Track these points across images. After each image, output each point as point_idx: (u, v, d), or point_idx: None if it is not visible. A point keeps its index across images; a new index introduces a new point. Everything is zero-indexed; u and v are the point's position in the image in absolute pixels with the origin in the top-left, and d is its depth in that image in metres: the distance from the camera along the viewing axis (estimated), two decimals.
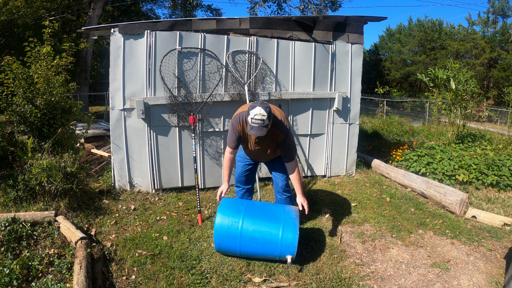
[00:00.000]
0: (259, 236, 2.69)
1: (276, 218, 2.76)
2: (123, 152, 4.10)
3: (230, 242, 2.74)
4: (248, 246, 2.71)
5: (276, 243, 2.66)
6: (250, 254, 2.78)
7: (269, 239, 2.68)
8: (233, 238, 2.72)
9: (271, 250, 2.69)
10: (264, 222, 2.74)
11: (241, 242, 2.71)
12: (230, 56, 4.25)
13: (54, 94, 4.01)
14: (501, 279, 2.68)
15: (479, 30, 25.82)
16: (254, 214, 2.79)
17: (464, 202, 3.85)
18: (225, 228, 2.73)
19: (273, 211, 2.86)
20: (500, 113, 16.81)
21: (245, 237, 2.70)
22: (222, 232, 2.73)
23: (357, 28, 4.82)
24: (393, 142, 7.93)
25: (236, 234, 2.71)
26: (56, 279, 2.46)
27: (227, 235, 2.73)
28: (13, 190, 3.37)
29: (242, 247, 2.73)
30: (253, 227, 2.71)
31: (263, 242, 2.69)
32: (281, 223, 2.71)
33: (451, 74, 6.86)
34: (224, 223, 2.74)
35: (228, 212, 2.79)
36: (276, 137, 2.86)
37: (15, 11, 11.55)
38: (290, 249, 2.66)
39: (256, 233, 2.70)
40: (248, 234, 2.70)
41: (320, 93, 4.73)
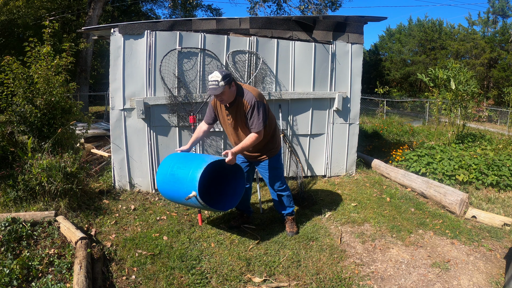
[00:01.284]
0: (178, 177, 2.86)
1: (197, 161, 2.84)
2: (123, 152, 4.10)
3: (163, 186, 3.00)
4: (173, 188, 2.91)
5: (186, 180, 2.77)
6: (175, 196, 2.95)
7: (183, 178, 2.81)
8: (165, 183, 2.98)
9: (184, 188, 2.78)
10: (187, 165, 2.87)
11: (169, 185, 2.94)
12: (230, 56, 4.25)
13: (54, 94, 4.00)
14: (501, 279, 2.68)
15: (479, 30, 25.86)
16: (183, 161, 2.96)
17: (464, 202, 3.85)
18: (160, 174, 3.02)
19: (199, 158, 2.95)
20: (500, 113, 16.81)
21: (171, 180, 2.92)
22: (159, 179, 3.03)
23: (357, 28, 4.82)
24: (393, 142, 7.94)
25: (166, 178, 2.95)
26: (56, 279, 2.46)
27: (161, 180, 3.00)
28: (13, 190, 3.37)
29: (170, 189, 2.95)
30: (177, 170, 2.90)
31: (180, 182, 2.83)
32: (196, 165, 2.79)
33: (451, 74, 6.87)
34: (160, 171, 3.03)
35: (165, 163, 3.04)
36: (243, 107, 2.87)
37: (16, 11, 11.56)
38: (192, 184, 2.69)
39: (176, 174, 2.88)
40: (173, 177, 2.91)
41: (320, 93, 4.73)
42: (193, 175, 2.72)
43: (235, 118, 2.96)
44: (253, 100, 2.84)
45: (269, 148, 3.18)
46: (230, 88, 2.80)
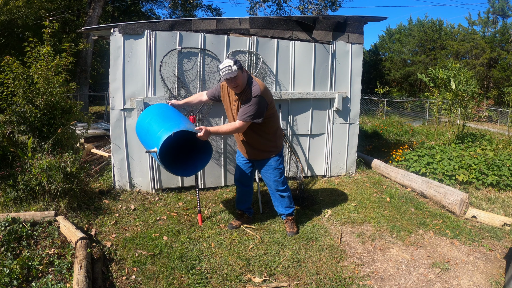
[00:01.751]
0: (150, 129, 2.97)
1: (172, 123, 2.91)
2: (123, 152, 4.10)
3: (138, 130, 3.20)
4: (144, 137, 3.07)
5: (154, 136, 2.87)
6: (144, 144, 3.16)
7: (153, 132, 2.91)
8: (140, 128, 3.14)
9: (151, 141, 2.89)
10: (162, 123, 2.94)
11: (142, 132, 3.12)
12: (230, 56, 4.25)
13: (54, 94, 4.00)
14: (501, 279, 2.68)
15: (479, 30, 25.86)
16: (161, 117, 3.04)
17: (464, 202, 3.85)
18: (140, 118, 3.20)
19: (176, 119, 2.99)
20: (500, 113, 16.81)
21: (145, 129, 3.06)
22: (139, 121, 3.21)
23: (357, 28, 4.82)
24: (393, 142, 7.94)
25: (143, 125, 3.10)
26: (56, 279, 2.46)
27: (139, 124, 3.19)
28: (13, 190, 3.37)
29: (141, 136, 3.15)
30: (152, 123, 3.00)
31: (150, 135, 2.95)
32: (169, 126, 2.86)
33: (451, 74, 6.87)
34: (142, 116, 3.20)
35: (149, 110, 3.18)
36: (248, 94, 2.92)
37: (16, 11, 11.55)
38: (157, 142, 2.77)
39: (150, 126, 2.99)
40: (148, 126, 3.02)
41: (320, 93, 4.73)
42: (160, 136, 2.81)
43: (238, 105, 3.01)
44: (257, 92, 2.90)
45: (271, 147, 3.18)
46: (242, 73, 2.90)
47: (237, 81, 2.86)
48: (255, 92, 2.89)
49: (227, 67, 2.80)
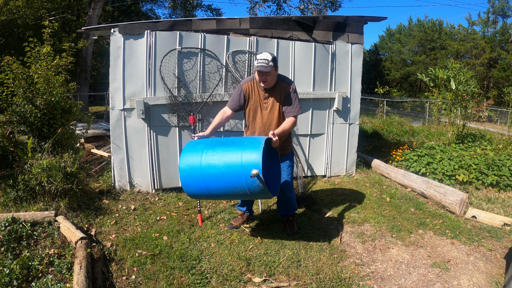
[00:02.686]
0: (221, 164, 2.47)
1: (238, 145, 2.56)
2: (123, 152, 4.10)
3: (194, 179, 2.53)
4: (212, 178, 2.50)
5: (238, 165, 2.44)
6: (216, 189, 2.54)
7: (231, 164, 2.46)
8: (197, 175, 2.52)
9: (235, 173, 2.44)
10: (226, 150, 2.56)
11: (205, 177, 2.50)
12: (230, 56, 4.25)
13: (54, 94, 4.00)
14: (501, 279, 2.68)
15: (479, 30, 25.88)
16: (216, 147, 2.61)
17: (464, 202, 3.85)
18: (188, 166, 2.53)
19: (235, 141, 2.67)
20: (500, 113, 16.82)
21: (207, 169, 2.49)
22: (186, 171, 2.54)
23: (357, 28, 4.82)
24: (393, 142, 7.94)
25: (198, 170, 2.50)
26: (56, 279, 2.46)
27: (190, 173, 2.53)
28: (13, 190, 3.36)
29: (207, 181, 2.51)
30: (215, 156, 2.52)
31: (226, 169, 2.45)
32: (242, 147, 2.51)
33: (451, 74, 6.86)
34: (186, 161, 2.57)
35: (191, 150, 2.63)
36: (283, 90, 2.97)
37: (16, 11, 11.56)
38: (253, 163, 2.40)
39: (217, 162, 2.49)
40: (210, 166, 2.49)
41: (320, 93, 4.73)
42: (249, 156, 2.40)
43: (273, 103, 3.02)
44: (293, 85, 3.01)
45: (288, 143, 3.20)
46: (276, 71, 2.92)
47: (268, 76, 2.88)
48: (291, 84, 3.01)
49: (264, 60, 2.81)
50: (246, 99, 3.08)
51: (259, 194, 2.58)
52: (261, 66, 2.80)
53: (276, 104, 3.01)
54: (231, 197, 2.73)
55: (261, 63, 2.81)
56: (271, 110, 3.03)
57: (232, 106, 3.10)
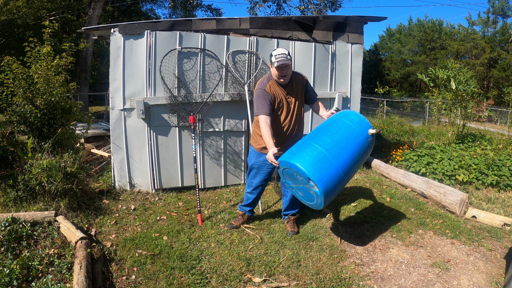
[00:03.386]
0: (342, 136, 2.67)
1: (337, 123, 2.81)
2: (123, 152, 4.10)
3: (324, 166, 2.50)
4: (340, 153, 2.60)
5: (353, 130, 2.72)
6: (347, 159, 2.60)
7: (349, 132, 2.71)
8: (324, 160, 2.52)
9: (356, 137, 2.68)
10: (333, 130, 2.75)
11: (333, 156, 2.54)
12: (230, 56, 4.25)
13: (54, 94, 4.01)
14: (501, 279, 2.68)
15: (479, 30, 25.86)
16: (323, 133, 2.77)
17: (464, 202, 3.85)
18: (312, 160, 2.52)
19: (331, 124, 2.86)
20: (500, 113, 16.81)
21: (333, 150, 2.57)
22: (313, 164, 2.49)
23: (357, 28, 4.82)
24: (393, 142, 7.93)
25: (323, 155, 2.54)
26: (56, 279, 2.46)
27: (318, 163, 2.51)
28: (13, 190, 3.37)
29: (337, 158, 2.55)
30: (329, 140, 2.64)
31: (347, 138, 2.67)
32: (345, 121, 2.79)
33: (451, 74, 6.86)
34: (307, 159, 2.52)
35: (300, 153, 2.60)
36: (301, 81, 3.15)
37: (16, 11, 11.55)
38: (365, 124, 2.75)
39: (336, 141, 2.64)
40: (332, 146, 2.60)
41: (320, 93, 4.72)
42: (354, 120, 2.75)
43: (296, 95, 3.12)
44: (304, 75, 3.22)
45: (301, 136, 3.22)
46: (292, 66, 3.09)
47: (288, 70, 2.96)
48: (302, 74, 3.21)
49: (283, 54, 2.87)
50: (273, 100, 3.00)
51: (370, 146, 2.83)
52: (283, 60, 2.85)
53: (298, 96, 3.14)
54: (356, 169, 2.82)
55: (282, 58, 2.86)
56: (296, 103, 3.13)
57: (267, 112, 2.92)
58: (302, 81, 3.16)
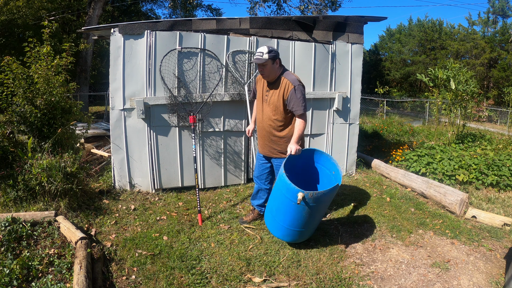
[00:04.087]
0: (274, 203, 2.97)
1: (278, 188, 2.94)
2: (123, 152, 4.10)
3: (275, 227, 3.02)
4: (283, 218, 2.92)
5: (280, 193, 2.87)
6: (292, 220, 2.88)
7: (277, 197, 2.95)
8: (274, 223, 3.02)
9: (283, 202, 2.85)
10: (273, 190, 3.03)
11: (279, 221, 2.95)
12: (230, 56, 4.25)
13: (54, 94, 4.00)
14: (501, 279, 2.68)
15: (479, 30, 25.87)
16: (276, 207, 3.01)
17: (464, 202, 3.85)
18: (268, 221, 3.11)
19: (277, 190, 2.97)
20: (500, 113, 16.82)
21: (277, 217, 2.97)
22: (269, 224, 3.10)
23: (357, 28, 4.82)
24: (393, 142, 7.93)
25: (272, 219, 3.03)
26: (56, 279, 2.46)
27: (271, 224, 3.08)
28: (13, 190, 3.36)
29: (282, 222, 2.93)
30: (274, 207, 3.00)
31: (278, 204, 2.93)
32: (279, 187, 2.88)
33: (451, 74, 6.87)
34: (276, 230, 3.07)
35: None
36: (286, 87, 3.00)
37: (16, 11, 11.55)
38: (290, 189, 2.74)
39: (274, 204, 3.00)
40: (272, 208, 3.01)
41: (320, 93, 4.73)
42: (282, 181, 2.76)
43: (272, 97, 3.09)
44: (296, 82, 3.00)
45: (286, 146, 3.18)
46: (273, 64, 2.99)
47: (264, 69, 3.00)
48: (293, 81, 2.99)
49: (259, 53, 2.96)
50: (255, 88, 3.34)
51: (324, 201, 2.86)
52: (256, 58, 2.97)
53: (275, 98, 3.06)
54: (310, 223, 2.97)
55: (256, 56, 2.99)
56: (270, 104, 3.10)
57: (251, 96, 3.54)
58: (288, 88, 2.99)
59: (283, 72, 3.08)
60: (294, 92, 2.97)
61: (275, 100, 3.06)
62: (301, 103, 2.98)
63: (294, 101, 2.98)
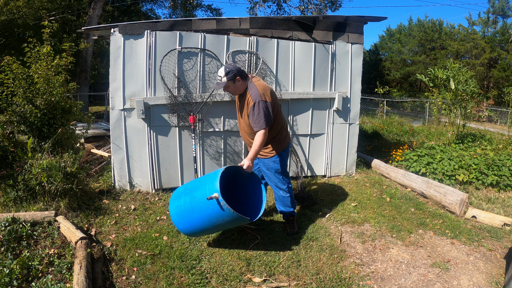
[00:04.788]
0: (196, 199, 2.78)
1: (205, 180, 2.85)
2: (123, 152, 4.10)
3: (182, 219, 2.86)
4: (192, 215, 2.80)
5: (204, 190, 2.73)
6: (201, 222, 2.80)
7: (199, 192, 2.77)
8: (182, 215, 2.85)
9: (205, 206, 2.70)
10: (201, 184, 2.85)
11: (189, 215, 2.81)
12: (230, 56, 4.25)
13: (54, 94, 4.00)
14: (501, 279, 2.68)
15: (479, 30, 25.86)
16: (194, 186, 2.93)
17: (464, 202, 3.85)
18: (175, 210, 2.90)
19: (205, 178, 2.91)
20: (500, 113, 16.82)
21: (188, 208, 2.81)
22: (174, 215, 2.89)
23: (357, 28, 4.82)
24: (393, 142, 7.93)
25: (183, 211, 2.85)
26: (56, 279, 2.46)
27: (178, 215, 2.87)
28: (13, 190, 3.37)
29: (190, 218, 2.80)
30: (189, 197, 2.85)
31: (197, 204, 2.77)
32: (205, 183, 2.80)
33: (450, 74, 6.87)
34: (173, 206, 2.93)
35: (174, 198, 2.98)
36: (247, 103, 3.01)
37: (16, 11, 11.54)
38: (212, 187, 2.66)
39: (192, 201, 2.82)
40: (189, 205, 2.83)
41: (320, 93, 4.73)
42: (212, 182, 2.68)
43: (242, 108, 3.12)
44: (256, 99, 2.92)
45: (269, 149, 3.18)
46: (235, 83, 3.00)
47: (228, 89, 3.05)
48: (254, 98, 2.93)
49: (219, 77, 3.00)
50: None
51: (234, 219, 2.76)
52: (216, 84, 3.03)
53: (245, 112, 3.09)
54: (216, 228, 2.93)
55: (216, 81, 3.05)
56: (243, 116, 3.13)
57: None
58: (250, 103, 2.96)
59: (248, 85, 3.02)
60: (252, 109, 2.92)
61: (245, 114, 3.10)
62: (259, 120, 2.90)
63: (251, 118, 2.95)
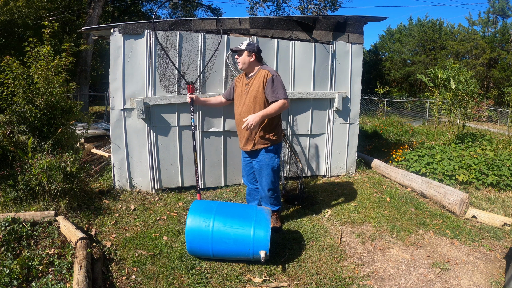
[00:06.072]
0: (231, 235, 2.69)
1: (248, 217, 2.79)
2: (123, 152, 4.10)
3: (202, 242, 2.71)
4: (221, 246, 2.70)
5: (248, 241, 2.66)
6: (223, 255, 2.75)
7: (241, 237, 2.68)
8: (205, 239, 2.70)
9: (243, 248, 2.67)
10: (236, 221, 2.75)
11: (213, 242, 2.70)
12: (230, 56, 4.25)
13: (54, 94, 4.00)
14: (501, 279, 2.68)
15: (479, 30, 25.88)
16: (225, 213, 2.81)
17: (464, 202, 3.85)
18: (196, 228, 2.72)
19: (244, 210, 2.89)
20: (500, 113, 16.83)
21: (217, 237, 2.69)
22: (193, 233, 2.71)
23: (357, 28, 4.82)
24: (393, 142, 7.93)
25: (208, 234, 2.69)
26: (56, 279, 2.46)
27: (198, 235, 2.71)
28: (13, 190, 3.36)
29: (214, 247, 2.71)
30: (224, 226, 2.71)
31: (235, 241, 2.68)
32: (253, 221, 2.74)
33: (451, 74, 6.87)
34: (195, 223, 2.73)
35: (199, 212, 2.79)
36: (264, 76, 3.07)
37: (16, 11, 11.54)
38: (262, 244, 2.64)
39: (227, 232, 2.70)
40: (219, 233, 2.70)
41: (320, 93, 4.73)
42: (259, 236, 2.65)
43: (252, 88, 3.13)
44: (274, 72, 3.10)
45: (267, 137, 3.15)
46: (249, 56, 3.12)
47: (239, 57, 3.16)
48: (272, 71, 3.08)
49: (240, 44, 3.15)
50: (234, 88, 3.39)
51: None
52: (235, 47, 3.17)
53: (255, 89, 3.11)
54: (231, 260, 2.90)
55: (235, 45, 3.20)
56: (249, 94, 3.14)
57: (225, 95, 3.61)
58: (267, 76, 3.06)
59: (261, 66, 3.19)
60: (271, 81, 3.04)
61: (254, 90, 3.11)
62: (278, 91, 3.02)
63: (269, 89, 3.03)
